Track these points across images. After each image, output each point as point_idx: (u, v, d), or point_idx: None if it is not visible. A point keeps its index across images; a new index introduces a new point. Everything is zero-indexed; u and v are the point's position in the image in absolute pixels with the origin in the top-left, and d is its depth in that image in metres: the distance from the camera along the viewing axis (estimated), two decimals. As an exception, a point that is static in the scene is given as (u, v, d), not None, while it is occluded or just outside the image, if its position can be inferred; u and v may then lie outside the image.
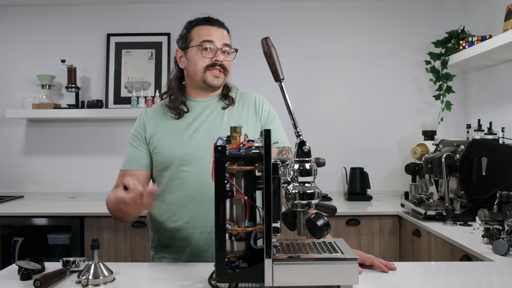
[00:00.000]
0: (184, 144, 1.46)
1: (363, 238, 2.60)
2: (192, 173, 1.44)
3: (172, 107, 1.52)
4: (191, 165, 1.44)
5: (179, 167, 1.45)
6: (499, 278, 1.28)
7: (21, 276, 1.19)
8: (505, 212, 1.82)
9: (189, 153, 1.45)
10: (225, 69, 1.51)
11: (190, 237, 1.45)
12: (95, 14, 3.31)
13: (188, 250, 1.46)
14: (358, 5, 3.28)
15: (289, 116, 1.10)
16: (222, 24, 1.54)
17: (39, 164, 3.30)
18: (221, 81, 1.52)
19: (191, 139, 1.47)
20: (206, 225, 1.43)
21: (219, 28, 1.51)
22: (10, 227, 2.66)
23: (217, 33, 1.50)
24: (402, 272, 1.27)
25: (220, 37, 1.50)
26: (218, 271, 1.05)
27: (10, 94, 3.29)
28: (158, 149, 1.48)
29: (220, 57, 1.49)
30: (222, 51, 1.50)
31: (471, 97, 3.12)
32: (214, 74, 1.49)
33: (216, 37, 1.49)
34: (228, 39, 1.54)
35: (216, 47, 1.49)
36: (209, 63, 1.48)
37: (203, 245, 1.45)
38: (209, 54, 1.48)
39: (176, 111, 1.51)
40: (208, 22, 1.52)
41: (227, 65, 1.51)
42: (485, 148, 2.15)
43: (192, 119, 1.51)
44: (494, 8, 2.74)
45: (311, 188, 1.06)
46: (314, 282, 1.04)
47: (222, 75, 1.51)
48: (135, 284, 1.17)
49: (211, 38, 1.49)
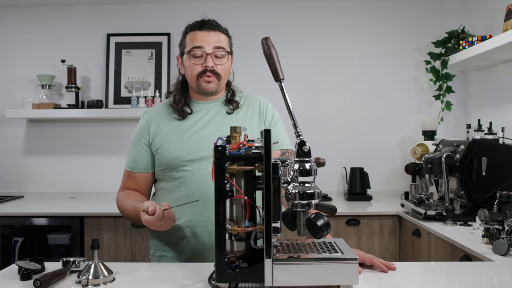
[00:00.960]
0: (186, 144, 1.47)
1: (363, 238, 2.60)
2: (194, 173, 1.45)
3: (176, 108, 1.52)
4: (192, 165, 1.45)
5: (181, 167, 1.46)
6: (499, 278, 1.28)
7: (21, 276, 1.19)
8: (505, 212, 1.82)
9: (191, 153, 1.45)
10: (218, 74, 1.49)
11: (190, 237, 1.45)
12: (95, 14, 3.31)
13: (188, 249, 1.46)
14: (358, 5, 3.28)
15: (289, 116, 1.10)
16: (215, 27, 1.50)
17: (39, 164, 3.30)
18: (215, 86, 1.50)
19: (193, 140, 1.47)
20: (207, 224, 1.43)
21: (210, 32, 1.48)
22: (10, 227, 2.66)
23: (208, 37, 1.47)
24: (402, 272, 1.27)
25: (211, 41, 1.47)
26: (218, 271, 1.05)
27: (10, 94, 3.29)
28: (160, 149, 1.49)
29: (210, 62, 1.46)
30: (214, 55, 1.47)
31: (471, 97, 3.12)
32: (206, 79, 1.48)
33: (206, 42, 1.46)
34: (223, 41, 1.50)
35: (205, 53, 1.46)
36: (200, 70, 1.47)
37: (204, 245, 1.45)
38: (199, 61, 1.47)
39: (180, 112, 1.51)
40: (200, 27, 1.48)
41: (219, 69, 1.49)
42: (485, 148, 2.15)
43: (196, 120, 1.52)
44: (494, 8, 2.74)
45: (311, 188, 1.06)
46: (314, 282, 1.04)
47: (214, 80, 1.49)
48: (135, 284, 1.17)
49: (200, 44, 1.46)
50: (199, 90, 1.51)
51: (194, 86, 1.52)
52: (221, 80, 1.52)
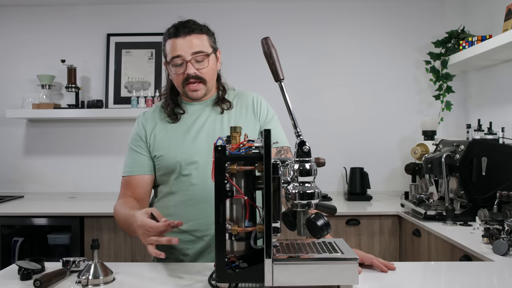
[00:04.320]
0: (186, 148, 1.46)
1: (363, 238, 2.60)
2: (194, 176, 1.44)
3: (167, 112, 1.51)
4: (193, 169, 1.44)
5: (182, 171, 1.45)
6: (499, 278, 1.28)
7: (21, 276, 1.19)
8: (505, 212, 1.82)
9: (191, 157, 1.45)
10: (202, 78, 1.46)
11: (192, 240, 1.45)
12: (95, 14, 3.31)
13: (191, 252, 1.46)
14: (358, 5, 3.28)
15: (289, 116, 1.10)
16: (192, 30, 1.43)
17: (39, 164, 3.30)
18: (202, 92, 1.49)
19: (192, 143, 1.47)
20: (209, 228, 1.42)
21: (186, 37, 1.42)
22: (10, 227, 2.66)
23: (184, 44, 1.42)
24: (402, 272, 1.27)
25: (188, 46, 1.42)
26: (218, 271, 1.05)
27: (10, 94, 3.29)
28: (160, 154, 1.48)
29: (191, 69, 1.43)
30: (194, 60, 1.43)
31: (471, 97, 3.12)
32: (191, 88, 1.46)
33: (183, 49, 1.42)
34: (201, 44, 1.44)
35: (185, 60, 1.43)
36: (183, 78, 1.45)
37: (206, 248, 1.45)
38: (180, 70, 1.44)
39: (172, 116, 1.50)
40: (175, 34, 1.43)
41: (203, 73, 1.45)
42: (485, 148, 2.15)
43: (191, 122, 1.51)
44: (494, 8, 2.74)
45: (311, 188, 1.06)
46: (314, 282, 1.04)
47: (200, 85, 1.47)
48: (135, 284, 1.17)
49: (178, 53, 1.42)
50: (188, 97, 1.51)
51: (182, 93, 1.52)
52: (208, 83, 1.49)
